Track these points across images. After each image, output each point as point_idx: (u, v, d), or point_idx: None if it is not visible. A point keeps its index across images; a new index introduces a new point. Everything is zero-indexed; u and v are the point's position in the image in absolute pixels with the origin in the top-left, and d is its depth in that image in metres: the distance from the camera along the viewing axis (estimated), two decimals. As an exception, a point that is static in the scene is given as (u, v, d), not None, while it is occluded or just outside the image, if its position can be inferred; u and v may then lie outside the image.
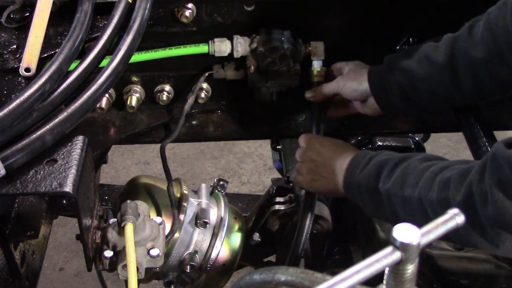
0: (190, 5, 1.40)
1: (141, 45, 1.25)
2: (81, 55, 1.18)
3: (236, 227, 1.58)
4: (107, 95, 1.46)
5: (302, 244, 1.42)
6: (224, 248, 1.54)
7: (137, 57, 1.41)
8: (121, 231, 1.22)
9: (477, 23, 1.25)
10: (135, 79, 1.53)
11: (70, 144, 1.10)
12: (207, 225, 1.50)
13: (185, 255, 1.50)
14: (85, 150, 1.10)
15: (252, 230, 1.68)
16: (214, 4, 1.43)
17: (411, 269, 0.62)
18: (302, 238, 1.42)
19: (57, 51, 1.15)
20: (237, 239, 1.57)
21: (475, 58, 1.23)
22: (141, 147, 3.43)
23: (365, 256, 0.77)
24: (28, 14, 1.25)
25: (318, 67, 1.52)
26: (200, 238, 1.51)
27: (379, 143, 1.80)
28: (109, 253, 1.22)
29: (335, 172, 1.32)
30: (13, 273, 1.23)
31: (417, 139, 1.86)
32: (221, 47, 1.46)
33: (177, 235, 1.47)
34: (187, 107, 1.52)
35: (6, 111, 1.03)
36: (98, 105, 1.43)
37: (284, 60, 1.49)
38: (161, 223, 1.29)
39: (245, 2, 1.44)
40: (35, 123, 1.07)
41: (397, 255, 0.61)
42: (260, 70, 1.50)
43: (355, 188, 1.27)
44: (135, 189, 1.54)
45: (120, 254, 1.22)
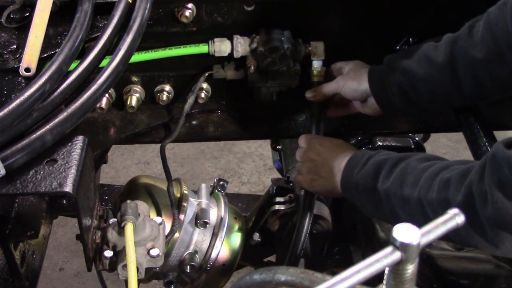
0: (190, 5, 1.40)
1: (141, 45, 1.25)
2: (81, 55, 1.18)
3: (236, 227, 1.58)
4: (107, 95, 1.46)
5: (301, 244, 1.43)
6: (224, 248, 1.54)
7: (137, 57, 1.41)
8: (121, 231, 1.22)
9: (477, 23, 1.25)
10: (135, 79, 1.53)
11: (70, 144, 1.10)
12: (207, 225, 1.50)
13: (185, 255, 1.50)
14: (85, 150, 1.10)
15: (252, 230, 1.68)
16: (214, 4, 1.43)
17: (411, 269, 0.62)
18: (301, 238, 1.42)
19: (57, 51, 1.15)
20: (237, 239, 1.57)
21: (475, 58, 1.23)
22: (141, 147, 3.42)
23: (365, 256, 0.77)
24: (28, 14, 1.25)
25: (318, 67, 1.52)
26: (200, 238, 1.51)
27: (379, 143, 1.80)
28: (109, 253, 1.22)
29: (334, 172, 1.32)
30: (13, 273, 1.23)
31: (417, 139, 1.86)
32: (221, 47, 1.46)
33: (177, 235, 1.47)
34: (187, 107, 1.52)
35: (6, 111, 1.03)
36: (98, 105, 1.43)
37: (284, 60, 1.49)
38: (161, 223, 1.29)
39: (245, 2, 1.44)
40: (35, 123, 1.07)
41: (397, 255, 0.61)
42: (260, 70, 1.50)
43: (353, 187, 1.26)
44: (135, 189, 1.54)
45: (120, 254, 1.22)
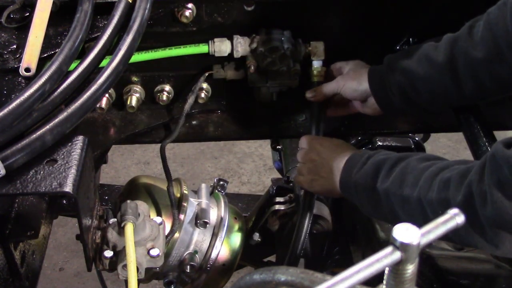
0: (190, 5, 1.40)
1: (141, 45, 1.25)
2: (81, 55, 1.18)
3: (236, 227, 1.58)
4: (107, 95, 1.46)
5: (301, 244, 1.43)
6: (224, 248, 1.54)
7: (137, 57, 1.41)
8: (121, 231, 1.22)
9: (477, 23, 1.25)
10: (135, 79, 1.52)
11: (70, 144, 1.10)
12: (207, 225, 1.50)
13: (185, 255, 1.50)
14: (85, 150, 1.10)
15: (252, 230, 1.68)
16: (214, 4, 1.43)
17: (411, 269, 0.62)
18: (301, 238, 1.42)
19: (57, 51, 1.15)
20: (237, 239, 1.57)
21: (475, 58, 1.23)
22: (141, 147, 3.42)
23: (365, 256, 0.77)
24: (28, 14, 1.25)
25: (318, 67, 1.52)
26: (200, 238, 1.51)
27: (379, 143, 1.80)
28: (109, 253, 1.22)
29: (333, 172, 1.32)
30: (13, 273, 1.23)
31: (417, 139, 1.86)
32: (221, 47, 1.46)
33: (177, 235, 1.47)
34: (187, 107, 1.52)
35: (6, 111, 1.03)
36: (98, 105, 1.43)
37: (284, 60, 1.49)
38: (161, 223, 1.29)
39: (245, 2, 1.44)
40: (35, 123, 1.07)
41: (397, 255, 0.61)
42: (260, 70, 1.50)
43: (352, 187, 1.26)
44: (135, 189, 1.54)
45: (120, 254, 1.22)
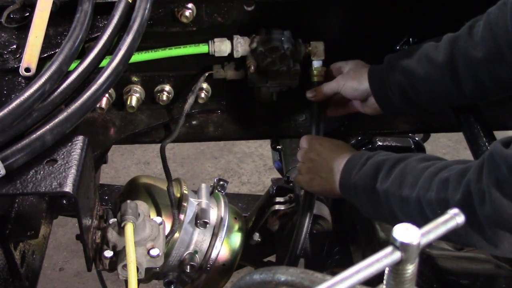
0: (190, 5, 1.40)
1: (141, 45, 1.25)
2: (81, 55, 1.18)
3: (236, 227, 1.58)
4: (107, 95, 1.46)
5: (301, 244, 1.43)
6: (224, 248, 1.54)
7: (137, 57, 1.41)
8: (121, 231, 1.22)
9: (477, 23, 1.25)
10: (135, 79, 1.52)
11: (70, 144, 1.10)
12: (207, 225, 1.50)
13: (185, 255, 1.50)
14: (85, 150, 1.10)
15: (252, 230, 1.68)
16: (214, 4, 1.43)
17: (411, 269, 0.62)
18: (300, 238, 1.43)
19: (57, 51, 1.15)
20: (237, 239, 1.57)
21: (475, 58, 1.23)
22: (141, 147, 3.42)
23: (365, 256, 0.77)
24: (28, 14, 1.25)
25: (318, 67, 1.52)
26: (200, 238, 1.51)
27: (379, 143, 1.80)
28: (109, 253, 1.22)
29: (333, 172, 1.32)
30: (13, 273, 1.23)
31: (417, 139, 1.86)
32: (221, 47, 1.46)
33: (177, 235, 1.47)
34: (187, 107, 1.52)
35: (6, 111, 1.03)
36: (98, 105, 1.43)
37: (284, 60, 1.49)
38: (161, 223, 1.29)
39: (245, 2, 1.44)
40: (35, 123, 1.07)
41: (397, 255, 0.61)
42: (260, 70, 1.50)
43: (351, 188, 1.26)
44: (135, 189, 1.54)
45: (120, 254, 1.22)
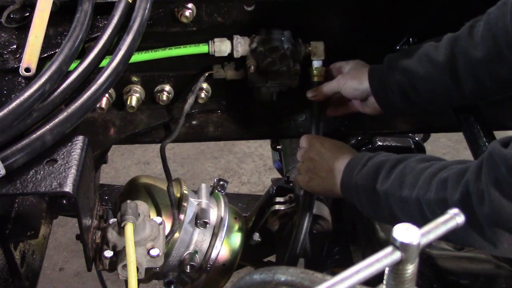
0: (190, 5, 1.40)
1: (141, 45, 1.25)
2: (81, 55, 1.18)
3: (236, 227, 1.58)
4: (107, 95, 1.46)
5: (300, 244, 1.43)
6: (224, 248, 1.54)
7: (137, 57, 1.41)
8: (121, 231, 1.22)
9: (478, 23, 1.25)
10: (135, 79, 1.52)
11: (70, 144, 1.10)
12: (207, 225, 1.50)
13: (185, 255, 1.50)
14: (85, 150, 1.10)
15: (252, 230, 1.68)
16: (214, 4, 1.43)
17: (411, 269, 0.62)
18: (300, 237, 1.43)
19: (57, 51, 1.15)
20: (237, 239, 1.57)
21: (475, 58, 1.23)
22: (141, 147, 3.42)
23: (365, 256, 0.77)
24: (28, 14, 1.25)
25: (318, 67, 1.52)
26: (200, 238, 1.51)
27: (379, 143, 1.80)
28: (109, 253, 1.22)
29: (333, 172, 1.33)
30: (13, 273, 1.23)
31: (417, 139, 1.86)
32: (221, 47, 1.46)
33: (177, 235, 1.47)
34: (187, 107, 1.52)
35: (6, 111, 1.03)
36: (98, 105, 1.43)
37: (284, 60, 1.49)
38: (161, 223, 1.29)
39: (245, 2, 1.44)
40: (35, 123, 1.07)
41: (397, 255, 0.61)
42: (260, 70, 1.50)
43: (352, 189, 1.27)
44: (135, 189, 1.54)
45: (120, 254, 1.22)
